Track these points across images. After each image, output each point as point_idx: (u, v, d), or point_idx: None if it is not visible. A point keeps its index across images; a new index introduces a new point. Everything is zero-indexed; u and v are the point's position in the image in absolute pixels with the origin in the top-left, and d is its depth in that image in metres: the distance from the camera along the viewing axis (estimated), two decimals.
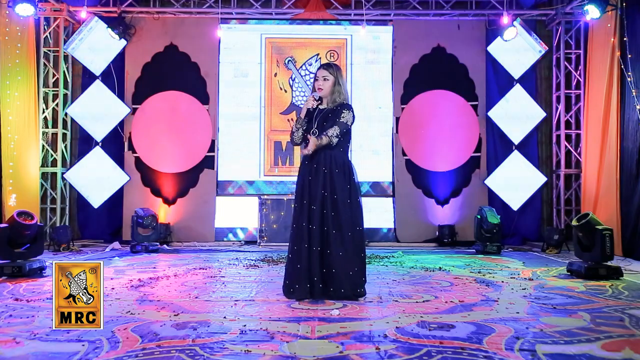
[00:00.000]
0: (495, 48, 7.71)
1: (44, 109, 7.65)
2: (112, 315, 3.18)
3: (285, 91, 8.01)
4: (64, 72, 7.75)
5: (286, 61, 8.01)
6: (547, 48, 7.73)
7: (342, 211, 3.70)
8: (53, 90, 7.74)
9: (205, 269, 5.24)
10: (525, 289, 4.14)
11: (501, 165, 7.73)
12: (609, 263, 4.69)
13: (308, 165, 3.82)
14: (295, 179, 4.10)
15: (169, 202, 7.82)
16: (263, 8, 7.87)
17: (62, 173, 7.64)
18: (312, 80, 4.87)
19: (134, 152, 7.81)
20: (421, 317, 3.17)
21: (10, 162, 6.95)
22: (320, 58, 7.98)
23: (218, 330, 2.86)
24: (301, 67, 8.00)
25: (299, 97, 8.00)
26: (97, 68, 7.70)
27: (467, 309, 3.39)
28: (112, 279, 4.62)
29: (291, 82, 8.02)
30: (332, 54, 8.05)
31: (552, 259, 6.21)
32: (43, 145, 7.63)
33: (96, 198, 7.63)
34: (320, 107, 3.91)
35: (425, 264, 5.68)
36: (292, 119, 7.70)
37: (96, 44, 7.61)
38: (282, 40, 8.08)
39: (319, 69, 3.93)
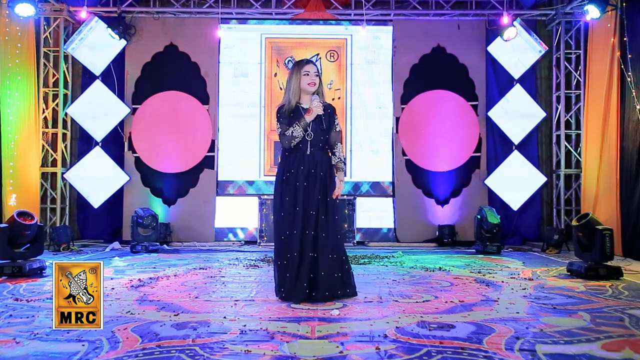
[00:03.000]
0: (495, 48, 7.71)
1: (44, 109, 7.64)
2: (112, 315, 3.18)
3: None
4: (64, 72, 7.75)
5: (286, 61, 8.00)
6: (547, 48, 7.73)
7: (334, 214, 3.67)
8: (53, 90, 7.73)
9: (205, 269, 5.24)
10: (525, 289, 4.14)
11: (501, 165, 7.73)
12: (609, 263, 4.69)
13: (304, 171, 3.64)
14: None
15: (169, 202, 7.81)
16: (263, 8, 7.87)
17: (62, 173, 7.64)
18: None
19: (134, 152, 7.80)
20: (421, 317, 3.17)
21: (10, 162, 6.94)
22: (320, 58, 7.97)
23: (218, 330, 2.86)
24: None
25: None
26: (97, 68, 7.70)
27: (467, 309, 3.39)
28: (112, 279, 4.62)
29: None
30: (332, 54, 8.04)
31: (552, 259, 6.21)
32: (43, 145, 7.63)
33: (96, 198, 7.63)
34: (305, 107, 3.72)
35: (425, 264, 5.67)
36: None
37: (96, 44, 7.61)
38: (282, 40, 8.08)
39: (307, 64, 3.72)
